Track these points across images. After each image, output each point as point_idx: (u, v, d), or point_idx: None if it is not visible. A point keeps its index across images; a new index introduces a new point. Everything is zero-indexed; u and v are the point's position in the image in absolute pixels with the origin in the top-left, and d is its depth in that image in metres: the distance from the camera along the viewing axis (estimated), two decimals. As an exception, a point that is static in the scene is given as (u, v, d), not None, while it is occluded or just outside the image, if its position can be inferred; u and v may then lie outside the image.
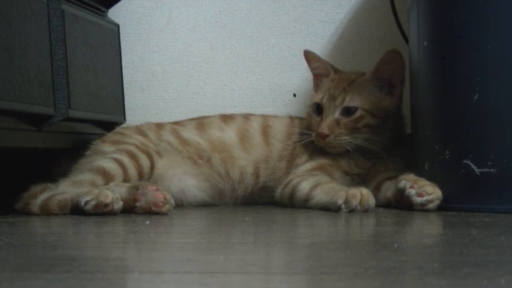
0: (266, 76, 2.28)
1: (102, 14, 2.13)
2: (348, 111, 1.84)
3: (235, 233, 1.40)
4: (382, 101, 1.87)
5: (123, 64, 2.22)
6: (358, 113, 1.83)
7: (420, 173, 1.69)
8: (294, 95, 2.27)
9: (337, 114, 1.84)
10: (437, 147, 1.66)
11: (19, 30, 1.61)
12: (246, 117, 2.03)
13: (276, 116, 2.06)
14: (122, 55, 2.22)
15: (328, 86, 1.90)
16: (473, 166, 1.60)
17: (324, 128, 1.83)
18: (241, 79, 2.29)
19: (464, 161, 1.61)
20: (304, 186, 1.78)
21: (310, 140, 1.88)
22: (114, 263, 1.03)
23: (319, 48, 2.13)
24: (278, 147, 1.96)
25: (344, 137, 1.83)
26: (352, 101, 1.84)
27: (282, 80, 2.28)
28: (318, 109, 1.90)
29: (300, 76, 2.26)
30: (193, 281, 0.89)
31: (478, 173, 1.60)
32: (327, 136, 1.82)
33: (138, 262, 1.06)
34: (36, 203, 1.66)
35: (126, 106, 2.22)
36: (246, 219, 1.59)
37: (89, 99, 1.94)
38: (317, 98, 1.91)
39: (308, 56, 2.00)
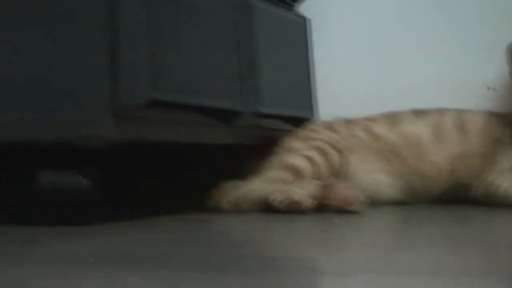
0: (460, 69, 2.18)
1: (289, 7, 2.12)
2: None
3: (429, 231, 1.33)
4: None
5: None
6: None
7: None
8: (489, 88, 2.15)
9: None
10: None
11: (205, 25, 1.62)
12: (440, 111, 1.93)
13: (472, 111, 1.94)
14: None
15: None
16: None
17: None
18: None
19: None
20: (507, 185, 1.68)
21: None
22: (305, 263, 0.99)
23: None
24: (475, 143, 1.85)
25: None
26: None
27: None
28: None
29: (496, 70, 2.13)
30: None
31: None
32: None
33: (329, 262, 1.01)
34: (226, 200, 1.68)
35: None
36: (441, 218, 1.53)
37: (277, 94, 1.93)
38: None
39: None
